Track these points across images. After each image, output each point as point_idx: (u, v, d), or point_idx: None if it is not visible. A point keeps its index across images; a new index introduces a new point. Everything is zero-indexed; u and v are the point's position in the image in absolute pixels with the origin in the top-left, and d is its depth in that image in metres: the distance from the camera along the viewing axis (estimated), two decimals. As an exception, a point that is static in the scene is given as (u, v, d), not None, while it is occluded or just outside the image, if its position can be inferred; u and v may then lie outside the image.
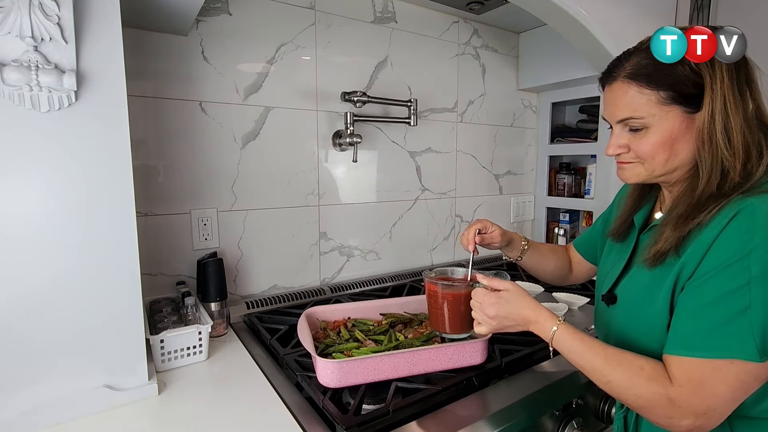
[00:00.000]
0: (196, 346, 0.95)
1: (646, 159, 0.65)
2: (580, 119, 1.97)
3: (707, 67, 0.60)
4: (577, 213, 1.98)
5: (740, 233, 0.55)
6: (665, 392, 0.57)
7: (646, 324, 0.65)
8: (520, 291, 0.74)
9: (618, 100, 0.66)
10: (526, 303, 0.73)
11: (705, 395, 0.55)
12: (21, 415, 0.71)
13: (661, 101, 0.62)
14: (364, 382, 0.81)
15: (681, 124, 0.62)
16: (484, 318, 0.75)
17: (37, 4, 0.65)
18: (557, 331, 0.68)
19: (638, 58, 0.64)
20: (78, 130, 0.72)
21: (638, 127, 0.64)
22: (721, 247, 0.56)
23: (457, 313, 0.83)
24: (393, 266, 1.61)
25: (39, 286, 0.71)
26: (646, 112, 0.63)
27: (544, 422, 0.88)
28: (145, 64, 1.10)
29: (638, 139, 0.65)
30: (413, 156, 1.61)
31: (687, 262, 0.60)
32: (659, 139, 0.63)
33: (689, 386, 0.55)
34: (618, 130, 0.68)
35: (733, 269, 0.55)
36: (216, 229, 1.23)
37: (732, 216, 0.56)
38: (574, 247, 1.02)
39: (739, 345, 0.53)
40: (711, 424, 0.56)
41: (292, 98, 1.32)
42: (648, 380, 0.58)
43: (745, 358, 0.53)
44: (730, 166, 0.60)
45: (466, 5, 1.54)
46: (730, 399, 0.55)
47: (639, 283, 0.69)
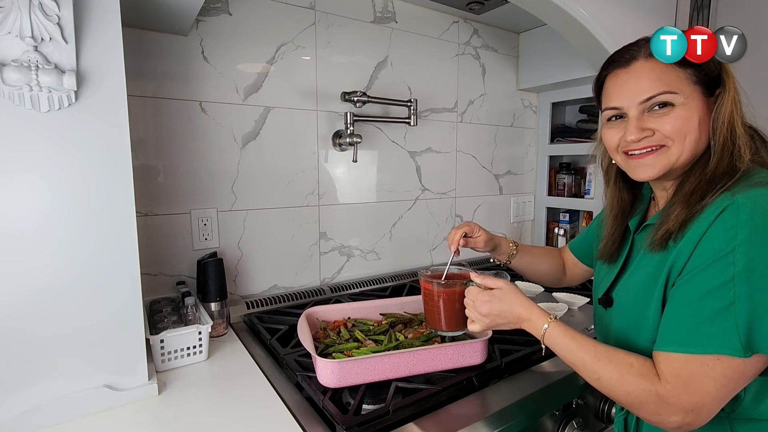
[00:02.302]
0: (196, 346, 0.95)
1: (677, 138, 0.63)
2: (580, 119, 1.97)
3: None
4: (577, 213, 1.98)
5: (725, 230, 0.56)
6: (654, 389, 0.57)
7: (643, 325, 0.65)
8: (512, 289, 0.74)
9: (644, 77, 0.64)
10: (518, 301, 0.73)
11: (693, 391, 0.55)
12: (21, 415, 0.71)
13: (689, 79, 0.62)
14: (364, 382, 0.81)
15: (704, 106, 0.63)
16: (477, 316, 0.76)
17: (37, 4, 0.65)
18: (548, 329, 0.69)
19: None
20: (78, 130, 0.72)
21: (668, 102, 0.63)
22: (707, 243, 0.57)
23: (451, 310, 0.84)
24: (393, 266, 1.61)
25: (39, 286, 0.71)
26: (679, 87, 0.62)
27: (544, 422, 0.88)
28: (145, 64, 1.10)
29: (665, 117, 0.63)
30: (413, 156, 1.61)
31: (677, 259, 0.60)
32: (691, 117, 0.62)
33: (677, 382, 0.56)
34: (637, 112, 0.65)
35: (718, 265, 0.55)
36: (216, 229, 1.23)
37: (718, 213, 0.57)
38: (570, 250, 1.02)
39: (724, 340, 0.54)
40: (700, 420, 0.56)
41: (292, 98, 1.32)
42: (637, 377, 0.59)
43: (730, 354, 0.54)
44: (728, 154, 0.61)
45: (466, 5, 1.54)
46: (718, 396, 0.55)
47: (634, 284, 0.69)
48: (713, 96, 0.63)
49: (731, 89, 0.62)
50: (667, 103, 0.63)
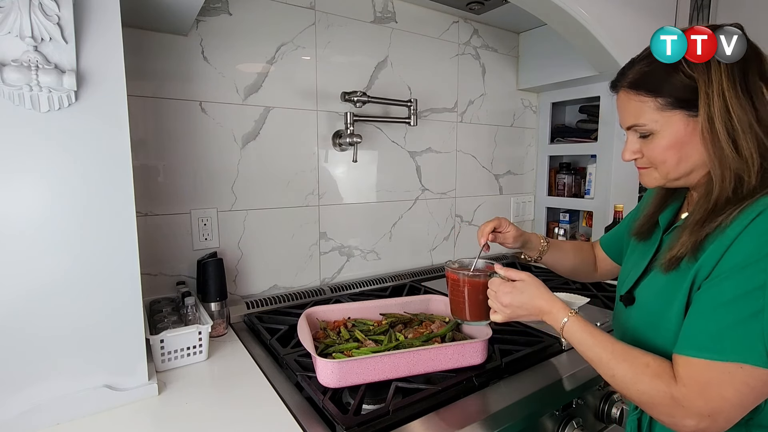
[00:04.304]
0: (196, 346, 0.95)
1: (657, 164, 0.66)
2: (580, 119, 1.97)
3: (703, 71, 0.59)
4: (577, 213, 1.98)
5: (759, 234, 0.54)
6: (669, 390, 0.57)
7: (662, 326, 0.65)
8: (535, 282, 0.75)
9: (623, 108, 0.68)
10: (540, 293, 0.74)
11: (710, 397, 0.54)
12: (21, 415, 0.71)
13: (660, 107, 0.63)
14: (364, 382, 0.81)
15: (686, 127, 0.62)
16: (499, 306, 0.77)
17: (37, 4, 0.65)
18: (567, 323, 0.69)
19: (639, 66, 0.65)
20: (78, 130, 0.72)
21: (645, 133, 0.66)
22: (739, 247, 0.56)
23: (475, 301, 0.86)
24: (393, 266, 1.61)
25: (39, 286, 0.71)
26: (648, 118, 0.64)
27: (544, 422, 0.88)
28: (145, 64, 1.10)
29: (648, 144, 0.66)
30: (413, 156, 1.61)
31: (704, 264, 0.59)
32: (666, 144, 0.64)
33: (694, 387, 0.55)
34: (630, 136, 0.69)
35: (748, 271, 0.54)
36: (216, 229, 1.23)
37: (754, 217, 0.55)
38: (600, 245, 1.01)
39: (749, 349, 0.53)
40: (718, 426, 0.55)
41: (292, 98, 1.32)
42: (652, 377, 0.59)
43: (754, 363, 0.52)
44: (741, 170, 0.59)
45: (466, 5, 1.54)
46: (738, 404, 0.54)
47: (657, 285, 0.68)
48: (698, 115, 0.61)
49: (714, 104, 0.58)
50: (650, 131, 0.65)
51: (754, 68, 0.59)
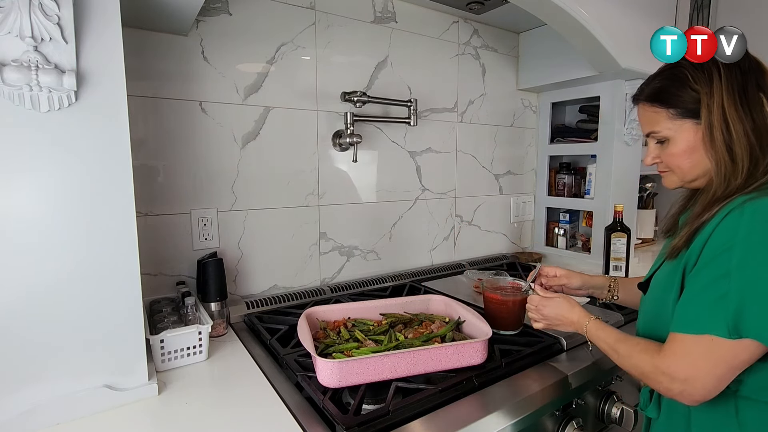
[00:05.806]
0: (196, 346, 0.95)
1: (673, 167, 0.76)
2: (580, 119, 1.97)
3: (706, 84, 0.68)
4: (577, 213, 1.98)
5: (728, 229, 0.64)
6: (653, 361, 0.69)
7: (666, 311, 0.73)
8: (568, 299, 0.92)
9: (642, 118, 0.79)
10: (570, 308, 0.90)
11: (687, 364, 0.65)
12: (21, 415, 0.71)
13: (672, 117, 0.72)
14: (364, 382, 0.81)
15: (695, 135, 0.71)
16: (539, 317, 0.95)
17: (37, 4, 0.65)
18: (588, 325, 0.85)
19: (654, 82, 0.75)
20: (78, 130, 0.72)
21: (661, 139, 0.75)
22: (712, 241, 0.66)
23: (514, 314, 1.07)
24: (393, 266, 1.61)
25: (39, 286, 0.71)
26: (662, 126, 0.74)
27: (544, 422, 0.88)
28: (145, 64, 1.10)
29: (664, 151, 0.76)
30: (413, 156, 1.61)
31: (691, 254, 0.69)
32: (679, 149, 0.73)
33: (674, 357, 0.67)
34: (650, 143, 0.79)
35: (718, 261, 0.64)
36: (216, 229, 1.23)
37: (725, 214, 0.65)
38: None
39: (716, 324, 0.63)
40: (695, 390, 0.65)
41: (292, 98, 1.32)
42: (640, 352, 0.72)
43: (718, 335, 0.63)
44: (731, 172, 0.68)
45: (466, 5, 1.54)
46: (710, 372, 0.64)
47: (663, 273, 0.77)
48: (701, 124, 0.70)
49: (714, 114, 0.67)
50: (665, 137, 0.74)
51: (753, 81, 0.68)
